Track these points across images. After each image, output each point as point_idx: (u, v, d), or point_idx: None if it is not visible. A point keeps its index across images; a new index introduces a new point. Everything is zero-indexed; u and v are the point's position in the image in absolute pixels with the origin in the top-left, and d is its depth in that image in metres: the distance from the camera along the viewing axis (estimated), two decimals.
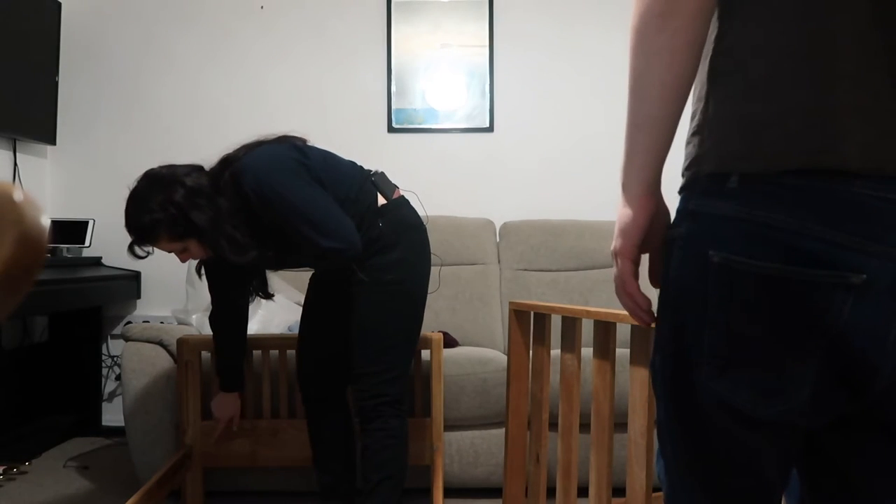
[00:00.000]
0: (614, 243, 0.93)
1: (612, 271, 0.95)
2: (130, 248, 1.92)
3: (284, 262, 2.07)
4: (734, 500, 0.88)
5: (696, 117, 0.87)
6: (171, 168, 1.93)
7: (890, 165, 0.77)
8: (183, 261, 2.00)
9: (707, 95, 0.86)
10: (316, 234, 1.86)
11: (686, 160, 0.88)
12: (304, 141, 2.02)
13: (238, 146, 1.96)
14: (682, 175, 0.88)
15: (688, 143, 0.88)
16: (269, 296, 2.22)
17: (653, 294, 0.91)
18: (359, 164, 2.08)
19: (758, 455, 0.85)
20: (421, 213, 2.10)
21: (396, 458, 2.02)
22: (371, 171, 2.07)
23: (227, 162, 1.94)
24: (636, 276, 0.93)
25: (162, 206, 1.84)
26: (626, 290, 0.93)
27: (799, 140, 0.78)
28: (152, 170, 1.93)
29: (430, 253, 2.08)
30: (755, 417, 0.82)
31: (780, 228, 0.78)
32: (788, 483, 0.92)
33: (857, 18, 0.78)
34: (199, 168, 1.96)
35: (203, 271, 2.12)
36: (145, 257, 1.96)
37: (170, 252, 1.95)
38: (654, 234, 0.92)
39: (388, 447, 2.00)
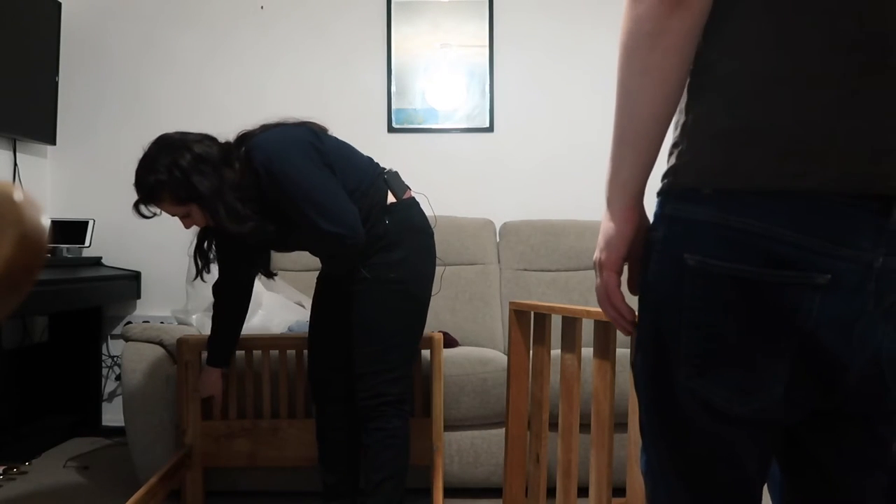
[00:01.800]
0: (598, 255, 0.95)
1: (596, 281, 0.97)
2: (136, 207, 1.95)
3: (285, 242, 2.07)
4: (715, 495, 0.90)
5: (678, 129, 0.89)
6: (183, 134, 1.96)
7: (867, 186, 0.80)
8: (187, 227, 2.00)
9: (688, 109, 0.87)
10: (318, 216, 1.87)
11: (666, 167, 0.90)
12: (323, 130, 2.05)
13: (258, 125, 1.99)
14: (661, 180, 0.90)
15: (669, 152, 0.90)
16: (270, 274, 2.23)
17: (633, 301, 0.94)
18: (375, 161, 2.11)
19: (737, 451, 0.88)
20: (430, 215, 2.11)
21: (398, 458, 2.02)
22: (385, 169, 2.09)
23: (244, 138, 1.98)
24: (620, 286, 0.95)
25: (168, 168, 1.88)
26: (612, 302, 0.95)
27: (776, 162, 0.80)
28: (165, 134, 1.97)
29: (435, 257, 2.09)
30: (732, 415, 0.85)
31: (754, 233, 0.80)
32: (767, 477, 0.94)
33: (837, 42, 0.80)
34: (211, 138, 1.98)
35: (207, 248, 2.12)
36: (150, 217, 1.99)
37: (173, 215, 1.96)
38: (635, 245, 0.94)
39: (389, 447, 2.00)
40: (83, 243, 3.21)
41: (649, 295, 0.90)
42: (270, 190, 1.90)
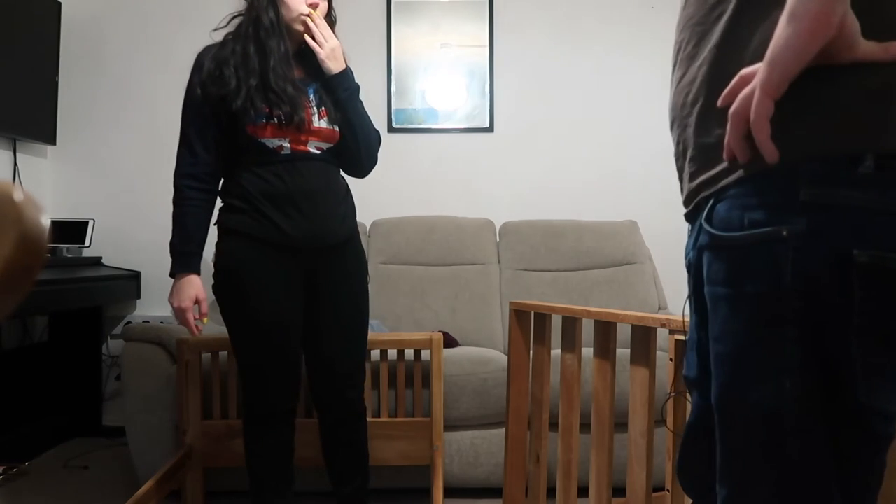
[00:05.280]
0: (762, 73, 0.70)
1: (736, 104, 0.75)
2: None
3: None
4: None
5: (800, 86, 0.70)
6: None
7: None
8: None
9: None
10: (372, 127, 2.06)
11: (779, 139, 0.73)
12: None
13: None
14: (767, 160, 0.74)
15: (780, 123, 0.72)
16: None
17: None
18: None
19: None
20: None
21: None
22: None
23: None
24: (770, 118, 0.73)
25: None
26: (758, 133, 0.72)
27: None
28: None
29: None
30: None
31: None
32: None
33: None
34: None
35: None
36: None
37: None
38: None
39: (365, 438, 2.06)
40: (83, 243, 3.21)
41: (791, 301, 0.72)
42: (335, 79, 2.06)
